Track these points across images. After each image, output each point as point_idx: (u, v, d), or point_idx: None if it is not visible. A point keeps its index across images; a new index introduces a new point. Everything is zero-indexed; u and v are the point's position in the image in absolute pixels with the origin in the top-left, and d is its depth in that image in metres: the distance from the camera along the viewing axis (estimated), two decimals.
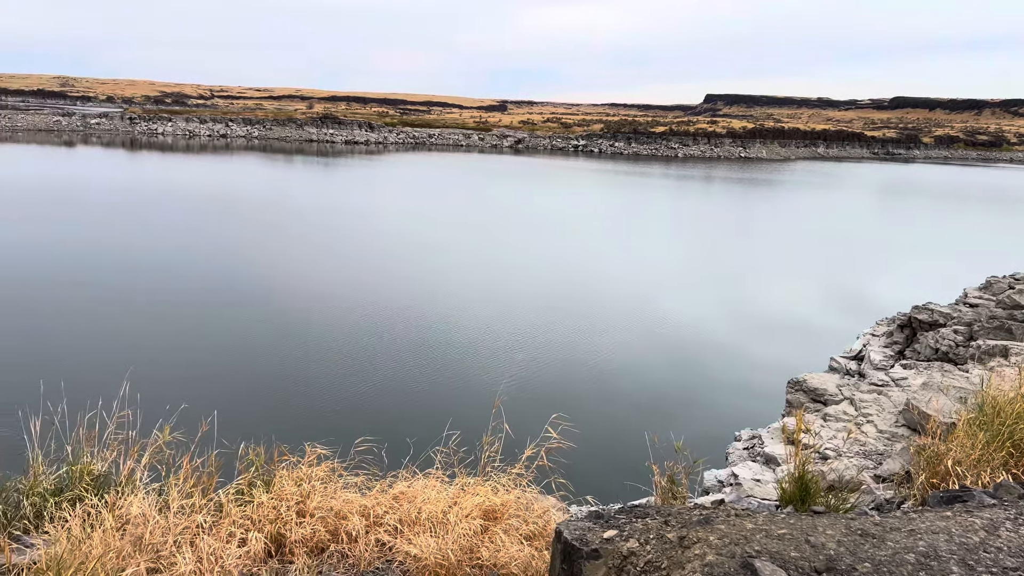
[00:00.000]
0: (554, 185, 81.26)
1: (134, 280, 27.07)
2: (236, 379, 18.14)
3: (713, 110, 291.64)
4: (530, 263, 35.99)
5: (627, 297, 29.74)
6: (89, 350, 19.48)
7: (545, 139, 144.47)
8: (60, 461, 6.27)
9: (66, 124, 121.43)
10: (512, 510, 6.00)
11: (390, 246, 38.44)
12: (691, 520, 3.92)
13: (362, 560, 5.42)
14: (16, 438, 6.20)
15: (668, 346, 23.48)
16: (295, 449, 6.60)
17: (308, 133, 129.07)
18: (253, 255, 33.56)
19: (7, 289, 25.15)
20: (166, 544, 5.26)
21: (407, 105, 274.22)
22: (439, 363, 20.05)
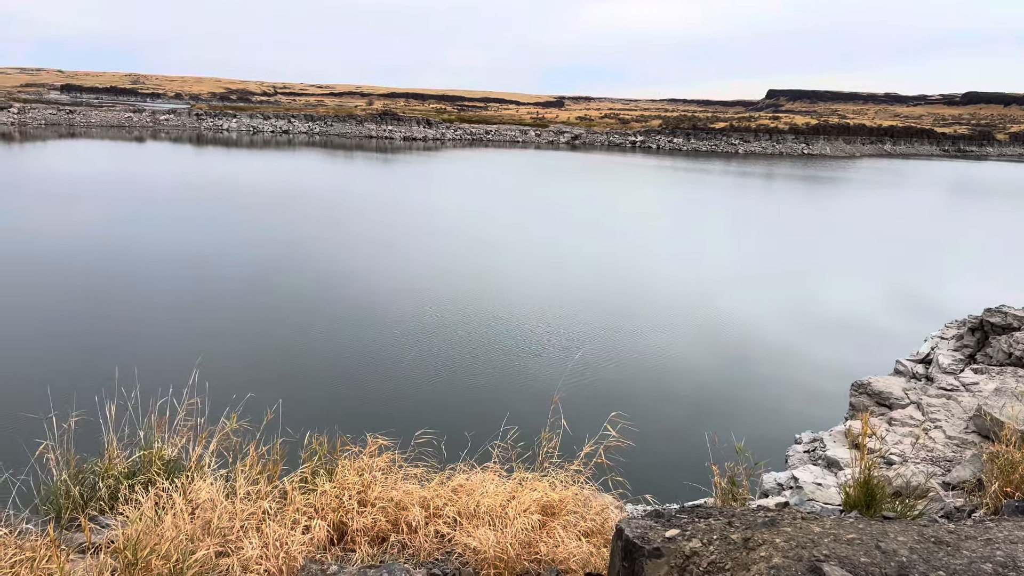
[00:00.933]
0: (611, 181, 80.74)
1: (206, 273, 27.90)
2: (301, 370, 18.54)
3: (775, 106, 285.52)
4: (588, 260, 35.84)
5: (685, 295, 29.39)
6: (162, 339, 20.16)
7: (602, 135, 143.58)
8: (133, 445, 6.49)
9: (136, 120, 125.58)
10: (570, 506, 6.00)
11: (449, 242, 38.74)
12: (756, 522, 3.86)
13: (422, 551, 5.49)
14: (93, 422, 6.45)
15: (726, 346, 23.13)
16: (357, 439, 6.71)
17: (367, 129, 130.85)
18: (318, 250, 34.21)
19: (90, 280, 26.17)
20: (233, 529, 5.41)
21: (465, 101, 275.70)
22: (498, 358, 20.14)
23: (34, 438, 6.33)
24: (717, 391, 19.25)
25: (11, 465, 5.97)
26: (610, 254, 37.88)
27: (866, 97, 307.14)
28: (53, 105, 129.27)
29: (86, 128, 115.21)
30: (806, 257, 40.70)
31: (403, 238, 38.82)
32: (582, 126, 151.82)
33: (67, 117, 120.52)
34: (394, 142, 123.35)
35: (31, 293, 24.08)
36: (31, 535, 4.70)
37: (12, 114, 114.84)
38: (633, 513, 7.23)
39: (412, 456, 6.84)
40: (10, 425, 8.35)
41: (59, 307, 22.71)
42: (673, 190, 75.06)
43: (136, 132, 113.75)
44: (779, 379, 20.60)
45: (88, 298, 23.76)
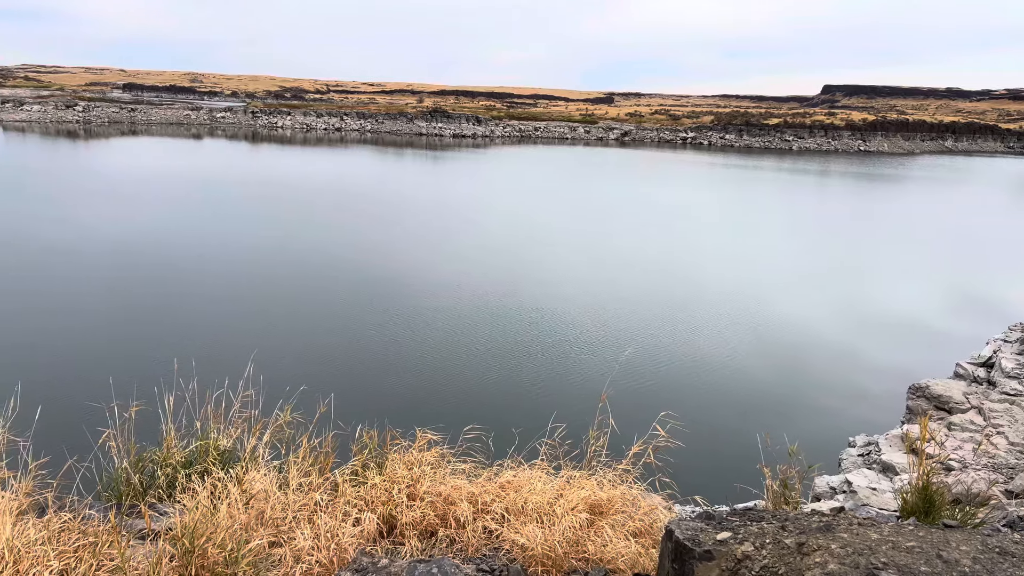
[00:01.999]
0: (661, 178, 79.98)
1: (262, 269, 28.48)
2: (353, 364, 18.82)
3: (831, 101, 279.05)
4: (636, 257, 35.57)
5: (737, 294, 28.97)
6: (219, 333, 20.67)
7: (652, 131, 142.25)
8: (190, 436, 6.66)
9: (194, 118, 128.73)
10: (618, 506, 5.97)
11: (497, 239, 38.84)
12: (810, 526, 3.78)
13: (470, 546, 5.52)
14: (153, 412, 6.64)
15: (778, 346, 22.73)
16: (406, 434, 6.77)
17: (418, 127, 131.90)
18: (370, 246, 34.63)
19: (153, 274, 26.95)
20: (285, 519, 5.51)
21: (514, 98, 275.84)
22: (546, 356, 20.13)
23: (97, 426, 6.54)
24: (768, 392, 18.92)
25: (75, 452, 6.17)
26: (660, 251, 37.54)
27: (926, 92, 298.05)
28: (116, 103, 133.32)
29: (146, 126, 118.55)
30: (862, 256, 39.73)
31: (453, 234, 39.05)
32: (632, 122, 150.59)
33: (128, 115, 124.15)
34: (443, 139, 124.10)
35: (98, 286, 24.92)
36: (94, 520, 4.86)
37: (77, 112, 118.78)
38: (682, 514, 7.15)
39: (460, 451, 6.88)
40: (75, 413, 8.64)
41: (123, 300, 23.46)
42: (724, 187, 73.99)
43: (194, 129, 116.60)
44: (832, 380, 20.16)
45: (150, 292, 24.49)
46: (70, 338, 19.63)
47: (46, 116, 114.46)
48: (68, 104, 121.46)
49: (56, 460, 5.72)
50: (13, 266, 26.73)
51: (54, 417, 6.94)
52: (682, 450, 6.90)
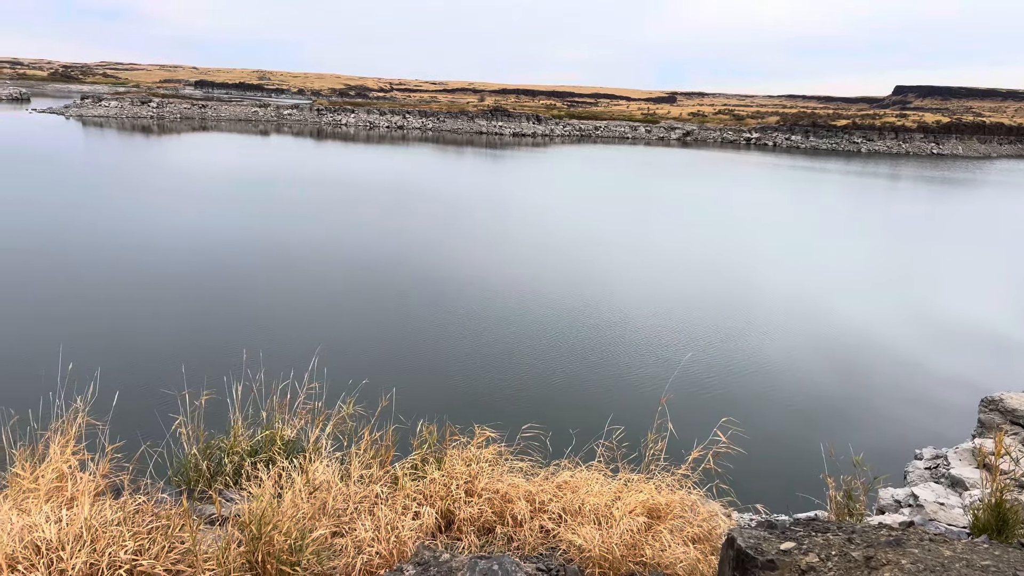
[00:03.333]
0: (723, 180, 78.72)
1: (328, 265, 29.05)
2: (414, 361, 19.06)
3: (903, 102, 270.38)
4: (697, 260, 35.09)
5: (801, 300, 28.33)
6: (286, 326, 21.19)
7: (715, 131, 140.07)
8: (256, 425, 6.85)
9: (262, 115, 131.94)
10: (676, 511, 5.91)
11: (556, 238, 38.78)
12: (878, 540, 3.69)
13: (527, 544, 5.54)
14: (221, 401, 6.84)
15: (843, 354, 22.14)
16: (465, 430, 6.83)
17: (478, 125, 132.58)
18: (432, 245, 34.99)
19: (225, 267, 27.81)
20: (347, 510, 5.62)
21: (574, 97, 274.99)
22: (604, 357, 20.04)
23: (169, 412, 6.78)
24: (831, 401, 18.46)
25: (148, 437, 6.40)
26: (722, 254, 36.94)
27: (1005, 94, 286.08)
28: (187, 100, 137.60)
29: (216, 121, 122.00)
30: (933, 261, 38.42)
31: (512, 234, 39.15)
32: (694, 122, 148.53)
33: (200, 111, 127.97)
34: (503, 138, 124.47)
35: (174, 279, 25.82)
36: (166, 504, 5.03)
37: (152, 108, 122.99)
38: (741, 521, 7.05)
39: (517, 450, 6.90)
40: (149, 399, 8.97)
41: (197, 293, 24.26)
42: (789, 189, 72.39)
43: (261, 126, 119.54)
44: (899, 391, 19.56)
45: (222, 285, 25.28)
46: (147, 328, 20.39)
47: (123, 112, 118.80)
48: (143, 100, 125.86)
49: (131, 444, 5.94)
50: (96, 260, 27.89)
51: (130, 403, 7.22)
52: (742, 457, 6.80)
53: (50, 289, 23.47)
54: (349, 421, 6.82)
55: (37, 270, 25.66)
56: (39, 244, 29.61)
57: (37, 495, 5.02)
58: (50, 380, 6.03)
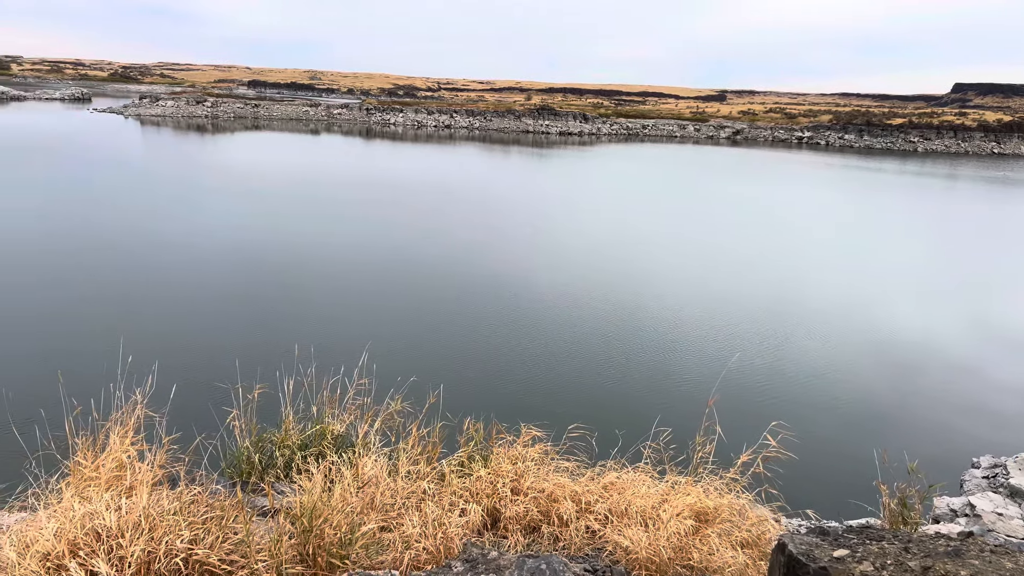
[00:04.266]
0: (772, 179, 77.42)
1: (379, 264, 29.40)
2: (461, 359, 19.18)
3: (962, 100, 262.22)
4: (745, 261, 34.58)
5: (853, 302, 27.72)
6: (337, 322, 21.52)
7: (766, 130, 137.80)
8: (307, 419, 6.97)
9: (313, 114, 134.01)
10: (724, 515, 5.85)
11: (601, 238, 38.62)
12: (936, 550, 3.59)
13: (572, 544, 5.53)
14: (273, 395, 6.98)
15: (897, 358, 21.59)
16: (511, 429, 6.85)
17: (525, 124, 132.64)
18: (475, 244, 35.14)
19: (279, 265, 28.37)
20: (394, 506, 5.68)
21: (622, 96, 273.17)
22: (651, 359, 19.88)
23: (223, 406, 6.94)
24: (885, 407, 18.01)
25: (203, 429, 6.57)
26: (770, 254, 36.35)
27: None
28: (241, 99, 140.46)
29: (268, 121, 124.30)
30: (993, 265, 37.21)
31: (558, 234, 39.09)
32: (744, 120, 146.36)
33: (252, 111, 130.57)
34: (550, 137, 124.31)
35: (229, 276, 26.46)
36: (220, 495, 5.16)
37: (206, 107, 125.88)
38: (789, 527, 6.94)
39: (563, 450, 6.90)
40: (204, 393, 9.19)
41: (251, 289, 24.82)
42: (842, 189, 70.85)
43: (312, 125, 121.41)
44: (956, 397, 19.00)
45: (275, 281, 25.82)
46: (204, 323, 20.91)
47: (178, 111, 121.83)
48: (198, 100, 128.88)
49: (186, 436, 6.09)
50: (156, 257, 28.71)
51: (186, 396, 7.41)
52: (791, 462, 6.69)
53: (113, 285, 24.24)
54: (397, 417, 6.90)
55: (101, 266, 26.54)
56: (104, 241, 30.60)
57: (98, 483, 5.18)
58: (111, 372, 6.23)
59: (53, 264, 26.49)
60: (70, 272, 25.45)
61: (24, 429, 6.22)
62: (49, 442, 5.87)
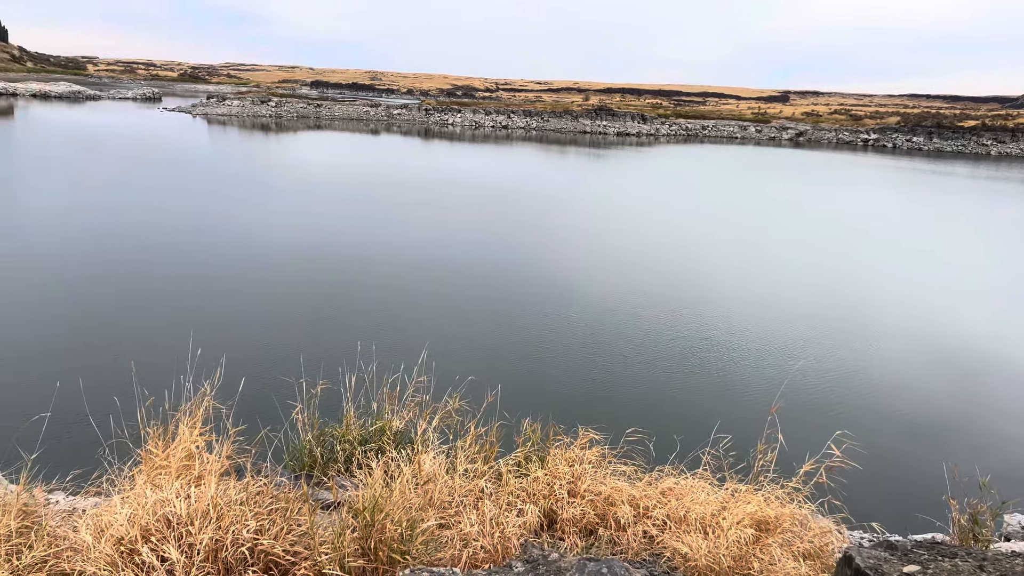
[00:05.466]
0: (836, 181, 75.54)
1: (440, 264, 29.64)
2: (520, 359, 19.22)
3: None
4: (811, 267, 33.82)
5: (921, 310, 26.86)
6: (398, 321, 21.82)
7: (830, 132, 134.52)
8: (367, 415, 7.09)
9: (373, 114, 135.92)
10: (786, 524, 5.74)
11: (659, 239, 38.26)
12: (1014, 570, 3.46)
13: (629, 549, 5.50)
14: (335, 391, 7.12)
15: (968, 371, 20.81)
16: (569, 431, 6.85)
17: (582, 125, 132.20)
18: (532, 246, 35.19)
19: (343, 263, 28.92)
20: (452, 503, 5.74)
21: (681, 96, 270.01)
22: (710, 364, 19.58)
23: (287, 399, 7.11)
24: (955, 419, 17.38)
25: (267, 422, 6.74)
26: (835, 259, 35.46)
27: None
28: (303, 99, 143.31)
29: (330, 120, 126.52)
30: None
31: (615, 235, 38.84)
32: (808, 122, 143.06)
33: (315, 110, 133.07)
34: (607, 137, 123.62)
35: (295, 273, 27.07)
36: (285, 487, 5.28)
37: (271, 107, 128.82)
38: (852, 539, 6.77)
39: (620, 453, 6.86)
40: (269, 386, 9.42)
41: (316, 286, 25.35)
42: (910, 193, 68.70)
43: (372, 125, 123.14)
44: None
45: (338, 279, 26.32)
46: (270, 319, 21.42)
47: (244, 111, 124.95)
48: (263, 100, 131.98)
49: (252, 428, 6.26)
50: (225, 253, 29.54)
51: (252, 389, 7.59)
52: (856, 472, 6.53)
53: (184, 279, 25.02)
54: (455, 415, 6.96)
55: (174, 261, 27.44)
56: (176, 237, 31.61)
57: (168, 472, 5.36)
58: (181, 364, 6.43)
59: (129, 258, 27.48)
60: (145, 266, 26.38)
61: (99, 417, 6.47)
62: (122, 430, 6.09)
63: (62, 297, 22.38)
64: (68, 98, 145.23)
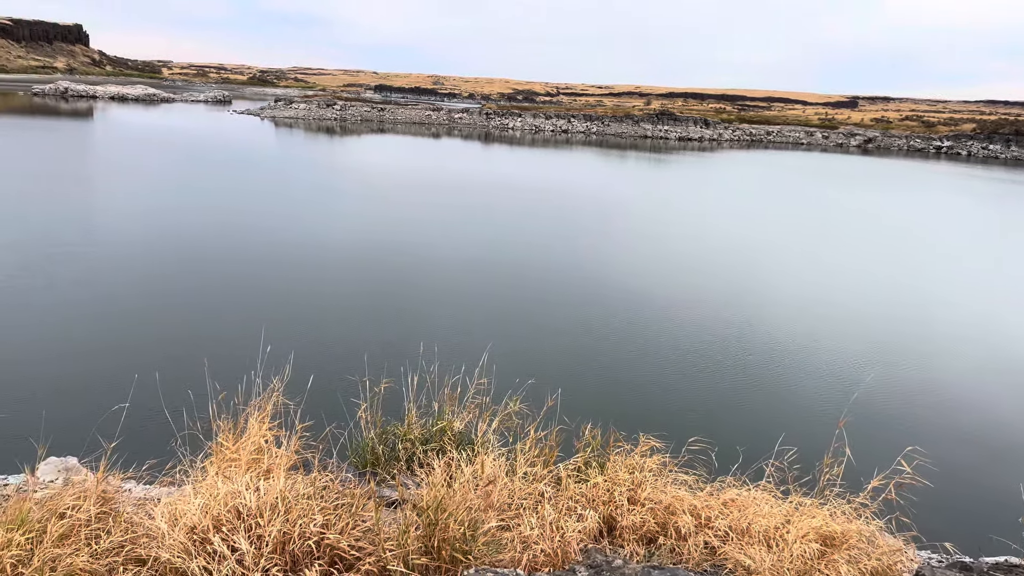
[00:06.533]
0: (906, 190, 73.19)
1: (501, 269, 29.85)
2: (581, 363, 19.20)
3: None
4: (884, 279, 32.80)
5: (996, 327, 25.84)
6: (460, 323, 22.04)
7: (900, 139, 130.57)
8: (428, 415, 7.17)
9: (435, 118, 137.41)
10: (852, 541, 5.59)
11: (723, 247, 37.66)
12: None
13: (690, 559, 5.43)
14: (398, 390, 7.22)
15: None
16: (629, 438, 6.79)
17: (643, 129, 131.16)
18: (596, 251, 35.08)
19: (407, 266, 29.39)
20: (511, 506, 5.75)
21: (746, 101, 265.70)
22: (777, 375, 19.20)
23: (351, 398, 7.24)
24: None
25: (332, 419, 6.88)
26: (911, 273, 34.34)
27: None
28: (367, 103, 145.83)
29: (392, 124, 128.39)
30: None
31: (676, 241, 38.41)
32: (877, 128, 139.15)
33: (378, 114, 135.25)
34: (668, 142, 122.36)
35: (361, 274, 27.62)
36: (350, 483, 5.38)
37: (335, 111, 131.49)
38: (921, 558, 6.55)
39: (682, 462, 6.78)
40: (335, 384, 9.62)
41: (380, 286, 25.85)
42: (986, 203, 66.14)
43: (433, 129, 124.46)
44: None
45: (402, 280, 26.79)
46: (336, 318, 21.90)
47: (310, 114, 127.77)
48: (328, 103, 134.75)
49: (318, 424, 6.39)
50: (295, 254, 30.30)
51: (318, 386, 7.75)
52: (927, 490, 6.33)
53: (256, 279, 25.77)
54: (515, 418, 6.98)
55: (245, 260, 28.30)
56: (247, 236, 32.58)
57: (238, 465, 5.52)
58: (252, 361, 6.61)
59: (204, 257, 28.39)
60: (219, 265, 27.25)
61: (173, 410, 6.70)
62: (195, 423, 6.30)
63: (140, 294, 23.28)
64: (144, 100, 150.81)
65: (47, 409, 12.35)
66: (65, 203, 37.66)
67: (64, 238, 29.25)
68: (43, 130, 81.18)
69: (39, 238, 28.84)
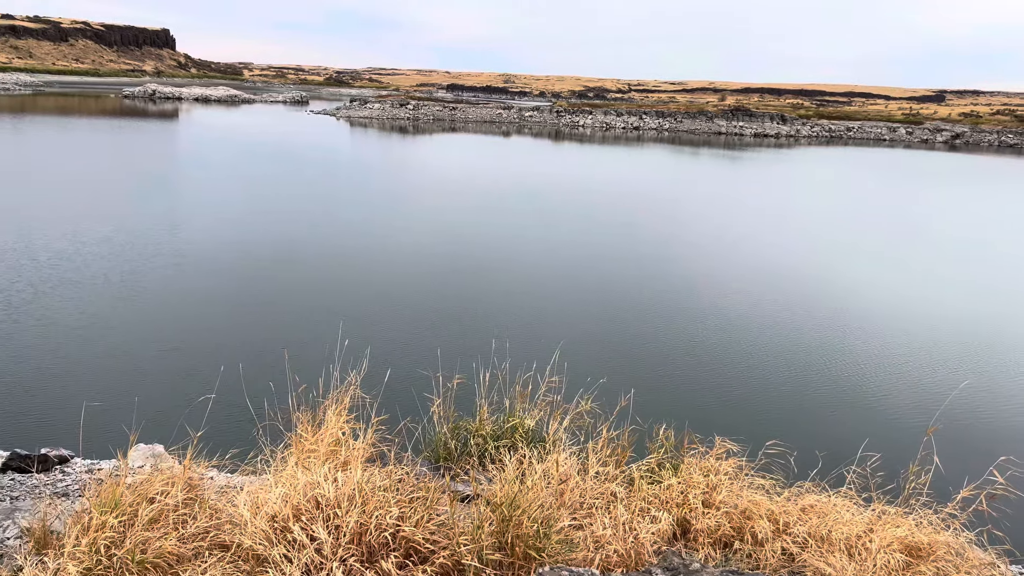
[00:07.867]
0: (999, 187, 69.78)
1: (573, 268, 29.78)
2: (654, 364, 18.99)
3: None
4: (977, 280, 31.33)
5: None
6: (532, 320, 22.13)
7: (991, 134, 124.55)
8: (499, 411, 7.20)
9: (505, 116, 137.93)
10: (940, 553, 5.36)
11: (806, 249, 36.68)
12: None
13: (767, 565, 5.31)
14: (470, 386, 7.27)
15: None
16: (704, 440, 6.68)
17: (717, 126, 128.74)
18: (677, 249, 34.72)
19: (481, 262, 29.73)
20: (583, 505, 5.73)
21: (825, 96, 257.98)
22: (863, 379, 18.56)
23: (424, 392, 7.34)
24: None
25: (406, 413, 6.97)
26: (1007, 276, 32.76)
27: None
28: (439, 103, 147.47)
29: (464, 123, 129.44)
30: None
31: (755, 241, 37.57)
32: (966, 123, 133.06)
33: (449, 113, 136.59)
34: (743, 138, 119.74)
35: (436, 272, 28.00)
36: (425, 476, 5.45)
37: (408, 110, 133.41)
38: (1014, 572, 6.26)
39: (759, 466, 6.63)
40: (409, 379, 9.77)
41: (454, 283, 26.18)
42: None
43: (504, 127, 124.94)
44: None
45: (476, 278, 27.10)
46: (411, 314, 22.25)
47: (383, 113, 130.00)
48: (401, 103, 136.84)
49: (392, 418, 6.50)
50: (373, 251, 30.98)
51: (393, 380, 7.89)
52: (1021, 502, 6.03)
53: (335, 275, 26.47)
54: (586, 417, 6.95)
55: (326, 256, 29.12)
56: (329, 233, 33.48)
57: (317, 456, 5.65)
58: (330, 354, 6.76)
59: (286, 254, 29.24)
60: (301, 262, 28.07)
61: (255, 402, 6.91)
62: (276, 414, 6.48)
63: (225, 289, 24.15)
64: (226, 101, 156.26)
65: (139, 398, 12.95)
66: (158, 202, 39.28)
67: (157, 237, 30.50)
68: (134, 131, 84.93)
69: (134, 238, 30.13)
